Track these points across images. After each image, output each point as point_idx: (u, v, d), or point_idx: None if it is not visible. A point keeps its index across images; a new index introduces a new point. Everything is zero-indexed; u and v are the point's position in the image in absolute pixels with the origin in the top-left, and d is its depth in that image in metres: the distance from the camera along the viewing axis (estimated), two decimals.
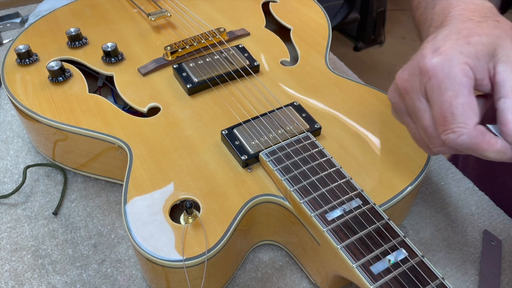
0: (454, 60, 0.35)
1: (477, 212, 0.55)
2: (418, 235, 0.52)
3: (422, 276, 0.36)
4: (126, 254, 0.50)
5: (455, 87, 0.34)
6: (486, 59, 0.35)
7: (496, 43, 0.36)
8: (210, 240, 0.41)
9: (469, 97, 0.34)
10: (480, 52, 0.35)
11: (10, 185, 0.58)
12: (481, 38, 0.36)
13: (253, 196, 0.44)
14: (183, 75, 0.56)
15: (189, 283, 0.42)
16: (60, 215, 0.54)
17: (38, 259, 0.50)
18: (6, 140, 0.63)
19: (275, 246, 0.51)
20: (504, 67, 0.35)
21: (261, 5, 0.71)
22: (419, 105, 0.38)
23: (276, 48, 0.63)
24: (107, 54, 0.59)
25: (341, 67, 0.77)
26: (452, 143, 0.35)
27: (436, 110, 0.36)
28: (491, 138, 0.34)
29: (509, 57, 0.35)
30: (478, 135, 0.34)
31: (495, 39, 0.36)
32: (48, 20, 0.67)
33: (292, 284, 0.48)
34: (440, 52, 0.36)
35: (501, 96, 0.35)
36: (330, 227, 0.39)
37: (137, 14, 0.68)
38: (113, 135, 0.50)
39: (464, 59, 0.35)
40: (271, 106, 0.53)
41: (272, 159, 0.46)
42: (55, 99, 0.54)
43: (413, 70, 0.38)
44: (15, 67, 0.58)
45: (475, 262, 0.50)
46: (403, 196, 0.45)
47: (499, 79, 0.35)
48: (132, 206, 0.43)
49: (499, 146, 0.34)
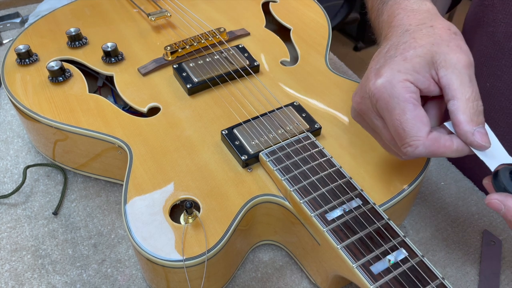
0: (394, 80, 0.37)
1: (477, 212, 0.55)
2: (418, 235, 0.52)
3: (422, 276, 0.36)
4: (126, 254, 0.50)
5: (400, 105, 0.36)
6: (426, 68, 0.37)
7: (432, 51, 0.38)
8: (210, 240, 0.41)
9: (415, 111, 0.36)
10: (417, 65, 0.37)
11: (10, 185, 0.58)
12: (416, 51, 0.38)
13: (253, 196, 0.44)
14: (183, 75, 0.56)
15: (189, 283, 0.42)
16: (60, 215, 0.54)
17: (38, 259, 0.50)
18: (6, 140, 0.63)
19: (275, 246, 0.51)
20: (445, 71, 0.37)
21: (261, 5, 0.71)
22: (376, 123, 0.40)
23: (276, 48, 0.63)
24: (107, 54, 0.59)
25: (341, 67, 0.77)
26: (411, 155, 0.37)
27: (391, 128, 0.38)
28: (446, 141, 0.37)
29: (447, 61, 0.37)
30: (433, 142, 0.36)
31: (429, 47, 0.38)
32: (48, 20, 0.67)
33: (292, 284, 0.48)
34: (380, 75, 0.38)
35: (449, 99, 0.37)
36: (330, 227, 0.39)
37: (137, 14, 0.68)
38: (113, 135, 0.50)
39: (403, 76, 0.37)
40: (271, 106, 0.53)
41: (272, 159, 0.46)
42: (55, 99, 0.54)
43: (363, 93, 0.40)
44: (15, 67, 0.58)
45: (475, 262, 0.50)
46: (403, 196, 0.45)
47: (444, 83, 0.37)
48: (132, 206, 0.43)
49: (455, 146, 0.37)
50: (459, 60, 0.37)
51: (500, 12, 0.56)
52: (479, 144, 0.36)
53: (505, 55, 0.57)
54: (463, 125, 0.36)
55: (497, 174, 0.36)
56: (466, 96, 0.36)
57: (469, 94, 0.36)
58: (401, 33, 0.41)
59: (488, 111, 0.61)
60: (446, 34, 0.39)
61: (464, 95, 0.36)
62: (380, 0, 0.49)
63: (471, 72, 0.37)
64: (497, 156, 0.37)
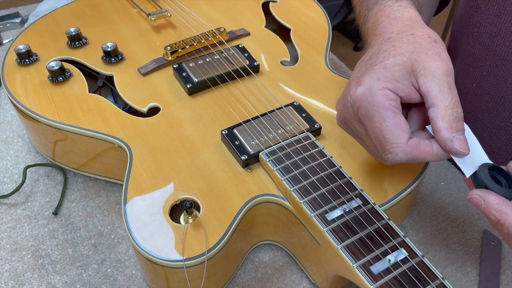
0: (373, 88, 0.38)
1: (477, 212, 0.55)
2: (418, 235, 0.52)
3: (422, 276, 0.36)
4: (126, 254, 0.50)
5: (380, 112, 0.37)
6: (406, 76, 0.38)
7: (412, 59, 0.38)
8: (210, 240, 0.41)
9: (394, 118, 0.37)
10: (397, 73, 0.38)
11: (10, 185, 0.58)
12: (396, 59, 0.39)
13: (253, 196, 0.44)
14: (183, 75, 0.56)
15: (189, 283, 0.42)
16: (60, 215, 0.54)
17: (38, 259, 0.50)
18: (6, 140, 0.63)
19: (275, 246, 0.51)
20: (424, 79, 0.37)
21: (261, 5, 0.71)
22: (359, 130, 0.41)
23: (276, 48, 0.63)
24: (107, 54, 0.59)
25: (341, 67, 0.77)
26: (392, 162, 0.38)
27: (372, 135, 0.39)
28: (426, 146, 0.37)
29: (426, 69, 0.38)
30: (413, 149, 0.37)
31: (409, 56, 0.38)
32: (48, 20, 0.67)
33: (292, 284, 0.48)
34: (360, 83, 0.39)
35: (429, 106, 0.37)
36: (330, 227, 0.39)
37: (137, 14, 0.68)
38: (113, 135, 0.50)
39: (382, 84, 0.38)
40: (271, 106, 0.53)
41: (272, 159, 0.46)
42: (55, 99, 0.54)
43: (345, 101, 0.41)
44: (15, 67, 0.58)
45: (475, 262, 0.50)
46: (403, 196, 0.45)
47: (424, 91, 0.38)
48: (132, 206, 0.43)
49: (435, 150, 0.37)
50: (438, 68, 0.37)
51: (484, 13, 0.57)
52: (457, 151, 0.37)
53: (490, 56, 0.57)
54: (442, 132, 0.36)
55: (476, 171, 0.37)
56: (445, 103, 0.37)
57: (448, 101, 0.37)
58: (382, 41, 0.41)
59: (475, 112, 0.61)
60: (426, 42, 0.39)
61: (443, 102, 0.37)
62: (366, 7, 0.50)
63: (450, 79, 0.38)
64: (476, 160, 0.38)
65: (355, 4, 0.56)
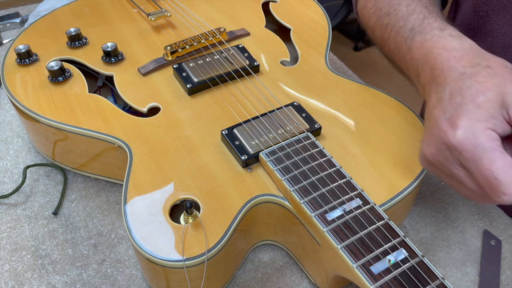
0: (475, 130, 0.36)
1: (477, 212, 0.55)
2: (418, 235, 0.52)
3: (422, 276, 0.36)
4: (126, 254, 0.50)
5: (488, 155, 0.36)
6: (499, 111, 0.37)
7: (501, 92, 0.37)
8: (210, 240, 0.41)
9: (504, 158, 0.36)
10: (492, 110, 0.37)
11: (10, 185, 0.58)
12: (486, 96, 0.37)
13: (253, 196, 0.44)
14: (183, 75, 0.56)
15: (189, 283, 0.42)
16: (60, 215, 0.54)
17: (38, 259, 0.50)
18: (6, 140, 0.63)
19: (275, 246, 0.51)
20: None
21: (261, 5, 0.71)
22: (457, 173, 0.39)
23: (276, 48, 0.63)
24: (107, 54, 0.59)
25: (341, 67, 0.77)
26: (507, 203, 0.36)
27: (479, 178, 0.36)
28: None
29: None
30: None
31: (497, 90, 0.37)
32: (48, 20, 0.67)
33: (292, 284, 0.48)
34: (458, 126, 0.37)
35: None
36: (330, 227, 0.39)
37: (137, 14, 0.68)
38: (113, 135, 0.50)
39: (483, 125, 0.36)
40: (271, 106, 0.53)
41: (272, 159, 0.45)
42: (55, 99, 0.54)
43: (439, 144, 0.39)
44: (15, 67, 0.58)
45: (475, 262, 0.50)
46: (403, 196, 0.45)
47: None
48: (132, 206, 0.43)
49: None
50: None
51: (495, 23, 0.55)
52: None
53: None
54: None
55: None
56: None
57: None
58: (457, 77, 0.40)
59: None
60: (506, 72, 0.39)
61: None
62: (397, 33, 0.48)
63: None
64: None
65: (368, 17, 0.54)
